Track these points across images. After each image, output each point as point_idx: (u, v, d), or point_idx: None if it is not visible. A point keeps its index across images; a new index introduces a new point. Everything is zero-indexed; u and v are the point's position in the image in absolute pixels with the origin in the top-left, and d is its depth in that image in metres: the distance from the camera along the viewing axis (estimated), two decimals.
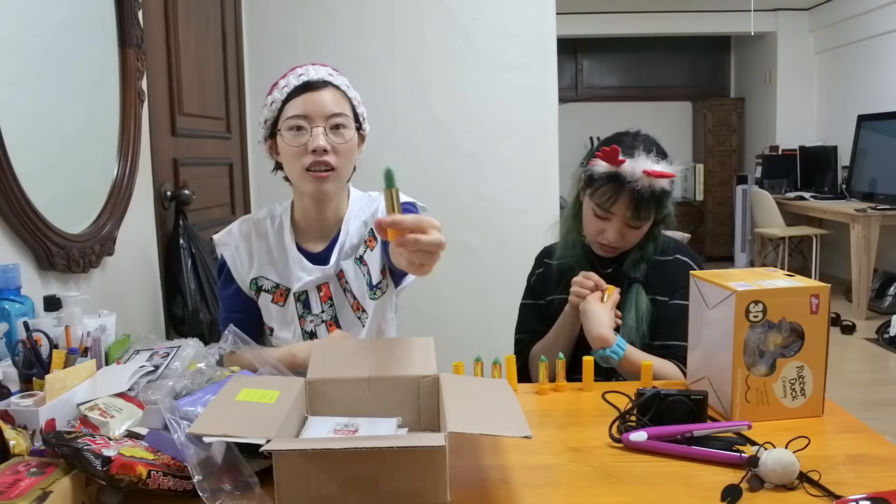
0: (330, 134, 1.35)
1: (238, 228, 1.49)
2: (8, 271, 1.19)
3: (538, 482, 0.92)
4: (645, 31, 7.05)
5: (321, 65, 1.43)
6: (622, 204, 1.44)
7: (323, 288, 1.44)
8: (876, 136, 5.56)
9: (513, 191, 2.75)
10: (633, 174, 1.41)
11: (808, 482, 0.88)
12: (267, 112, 1.41)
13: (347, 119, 1.38)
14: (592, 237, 1.52)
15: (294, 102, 1.36)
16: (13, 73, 1.36)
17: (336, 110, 1.36)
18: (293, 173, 1.39)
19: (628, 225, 1.47)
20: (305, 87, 1.36)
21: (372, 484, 0.81)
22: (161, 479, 0.82)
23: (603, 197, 1.45)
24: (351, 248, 1.44)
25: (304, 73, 1.38)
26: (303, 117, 1.35)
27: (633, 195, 1.42)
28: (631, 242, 1.51)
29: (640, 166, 1.41)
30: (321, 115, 1.35)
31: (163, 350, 1.19)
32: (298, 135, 1.35)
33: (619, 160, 1.41)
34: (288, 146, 1.36)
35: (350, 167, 1.42)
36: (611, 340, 1.39)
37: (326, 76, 1.39)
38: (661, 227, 1.54)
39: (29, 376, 1.04)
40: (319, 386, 1.04)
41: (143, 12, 1.82)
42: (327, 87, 1.38)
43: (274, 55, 2.68)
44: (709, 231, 7.56)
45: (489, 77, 2.71)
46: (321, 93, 1.36)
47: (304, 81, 1.37)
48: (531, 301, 1.65)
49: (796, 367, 1.10)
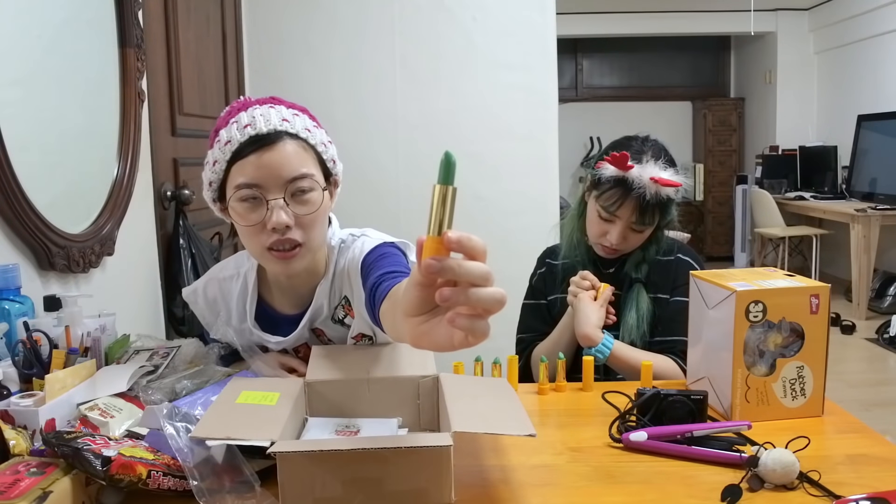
0: (291, 204, 1.08)
1: (203, 291, 1.30)
2: (8, 271, 1.19)
3: (538, 482, 0.92)
4: (645, 31, 7.05)
5: (271, 103, 1.12)
6: (627, 208, 1.45)
7: (301, 349, 1.27)
8: (876, 136, 5.57)
9: (512, 191, 2.75)
10: (640, 180, 1.41)
11: (808, 482, 0.88)
12: (210, 173, 1.11)
13: (312, 179, 1.09)
14: (595, 238, 1.53)
15: (242, 165, 1.06)
16: (13, 73, 1.36)
17: (297, 171, 1.07)
18: (252, 251, 1.14)
19: (632, 229, 1.48)
20: (254, 144, 1.06)
21: (376, 484, 0.81)
22: (161, 479, 0.82)
23: (609, 200, 1.46)
24: (330, 310, 1.23)
25: (251, 124, 1.07)
26: (255, 186, 1.06)
27: (638, 200, 1.43)
28: (633, 245, 1.52)
29: (647, 173, 1.41)
30: (278, 182, 1.06)
31: (163, 350, 1.19)
32: (252, 207, 1.07)
33: (627, 165, 1.42)
34: (241, 225, 1.10)
35: (322, 233, 1.16)
36: (596, 339, 1.40)
37: (280, 124, 1.08)
38: (664, 230, 1.55)
39: (29, 376, 1.04)
40: (319, 387, 1.04)
41: (143, 12, 1.82)
42: (283, 140, 1.07)
43: (274, 55, 2.68)
44: (709, 231, 7.56)
45: (489, 77, 2.71)
46: (276, 149, 1.06)
47: (251, 136, 1.06)
48: (532, 301, 1.65)
49: (796, 367, 1.10)
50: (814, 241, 6.05)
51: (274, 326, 1.27)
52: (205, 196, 1.17)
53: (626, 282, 1.52)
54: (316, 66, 2.70)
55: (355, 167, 2.27)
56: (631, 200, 1.44)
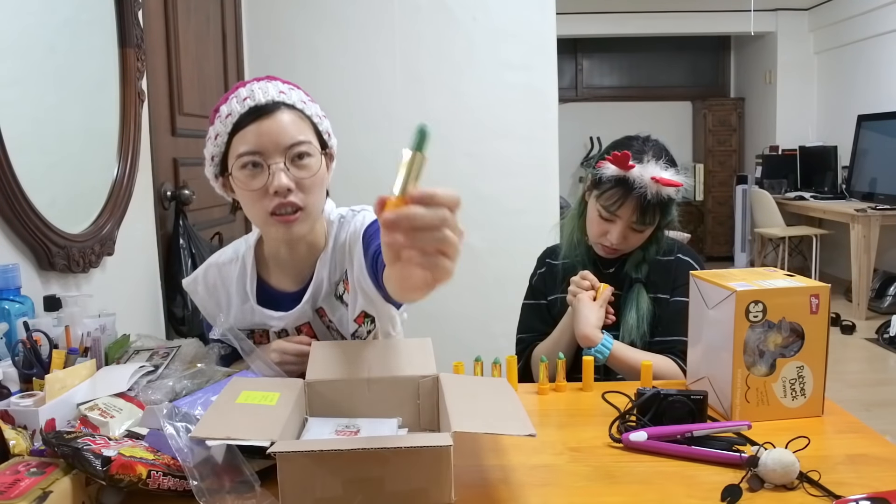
0: (292, 168, 1.14)
1: (203, 278, 1.34)
2: (8, 271, 1.19)
3: (538, 482, 0.92)
4: (645, 31, 7.05)
5: (268, 79, 1.20)
6: (628, 208, 1.45)
7: (303, 328, 1.29)
8: (876, 136, 5.57)
9: (513, 190, 2.75)
10: (641, 180, 1.41)
11: (808, 482, 0.88)
12: (212, 147, 1.18)
13: (310, 145, 1.16)
14: (595, 238, 1.53)
15: (243, 135, 1.13)
16: (13, 73, 1.36)
17: (296, 138, 1.14)
18: (255, 218, 1.19)
19: (632, 228, 1.48)
20: (254, 114, 1.13)
21: (377, 484, 0.81)
22: (161, 479, 0.82)
23: (609, 200, 1.46)
24: (331, 285, 1.26)
25: (251, 96, 1.14)
26: (256, 153, 1.12)
27: (639, 200, 1.43)
28: (633, 245, 1.52)
29: (648, 172, 1.41)
30: (278, 148, 1.13)
31: (163, 350, 1.20)
32: (254, 174, 1.13)
33: (629, 165, 1.42)
34: (243, 190, 1.15)
35: (321, 199, 1.22)
36: (595, 339, 1.40)
37: (277, 96, 1.15)
38: (664, 230, 1.55)
39: (29, 376, 1.04)
40: (319, 387, 1.04)
41: (143, 12, 1.82)
42: (280, 110, 1.14)
43: (274, 55, 2.68)
44: (709, 231, 7.56)
45: (489, 77, 2.71)
46: (274, 118, 1.13)
47: (251, 107, 1.13)
48: (532, 301, 1.65)
49: (796, 367, 1.10)
50: (814, 241, 6.05)
51: (275, 305, 1.28)
52: (206, 173, 1.22)
53: (627, 282, 1.52)
54: (316, 65, 2.70)
55: (354, 166, 2.27)
56: (632, 200, 1.44)
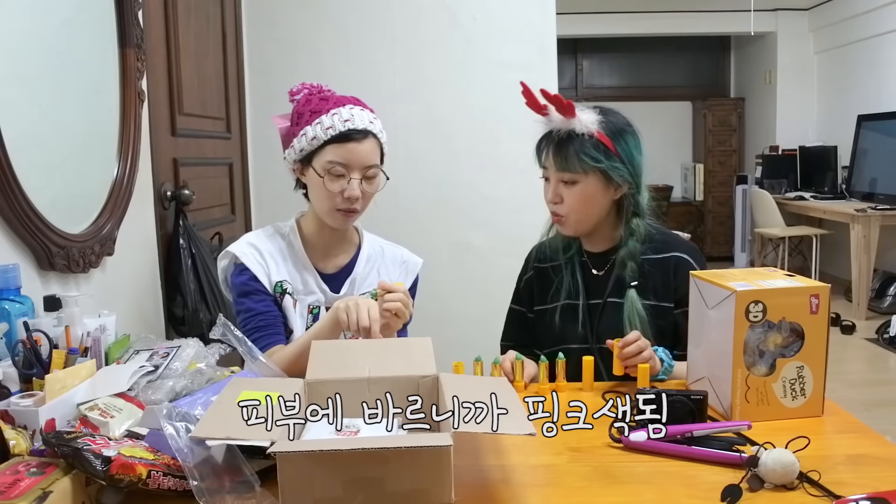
0: (364, 183, 1.42)
1: (254, 238, 1.51)
2: (8, 271, 1.19)
3: (539, 482, 0.92)
4: (645, 31, 7.04)
5: (361, 106, 1.45)
6: (550, 156, 1.44)
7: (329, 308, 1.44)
8: (876, 136, 5.56)
9: (513, 190, 2.74)
10: (551, 120, 1.42)
11: (808, 482, 0.88)
12: (304, 143, 1.42)
13: (378, 168, 1.45)
14: (548, 206, 1.51)
15: (336, 148, 1.40)
16: (13, 73, 1.36)
17: (373, 161, 1.43)
18: (321, 207, 1.45)
19: (562, 181, 1.44)
20: (349, 136, 1.40)
21: (377, 484, 0.81)
22: (161, 479, 0.82)
23: (540, 154, 1.46)
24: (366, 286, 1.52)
25: (350, 120, 1.40)
26: (343, 165, 1.40)
27: (556, 142, 1.43)
28: (577, 208, 1.45)
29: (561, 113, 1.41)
30: (359, 167, 1.41)
31: (163, 350, 1.20)
32: (336, 180, 1.41)
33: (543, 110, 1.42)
34: (323, 187, 1.41)
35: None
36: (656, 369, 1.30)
37: (368, 124, 1.43)
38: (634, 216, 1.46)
39: (29, 376, 1.04)
40: (319, 387, 1.04)
41: (143, 12, 1.82)
42: (368, 137, 1.42)
43: (274, 55, 2.68)
44: (709, 231, 7.56)
45: (489, 77, 2.71)
46: (363, 144, 1.41)
47: (351, 129, 1.40)
48: (517, 307, 1.61)
49: (796, 367, 1.10)
50: (814, 241, 6.05)
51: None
52: (285, 156, 1.48)
53: (619, 287, 1.45)
54: (316, 66, 2.70)
55: None
56: (551, 146, 1.43)
